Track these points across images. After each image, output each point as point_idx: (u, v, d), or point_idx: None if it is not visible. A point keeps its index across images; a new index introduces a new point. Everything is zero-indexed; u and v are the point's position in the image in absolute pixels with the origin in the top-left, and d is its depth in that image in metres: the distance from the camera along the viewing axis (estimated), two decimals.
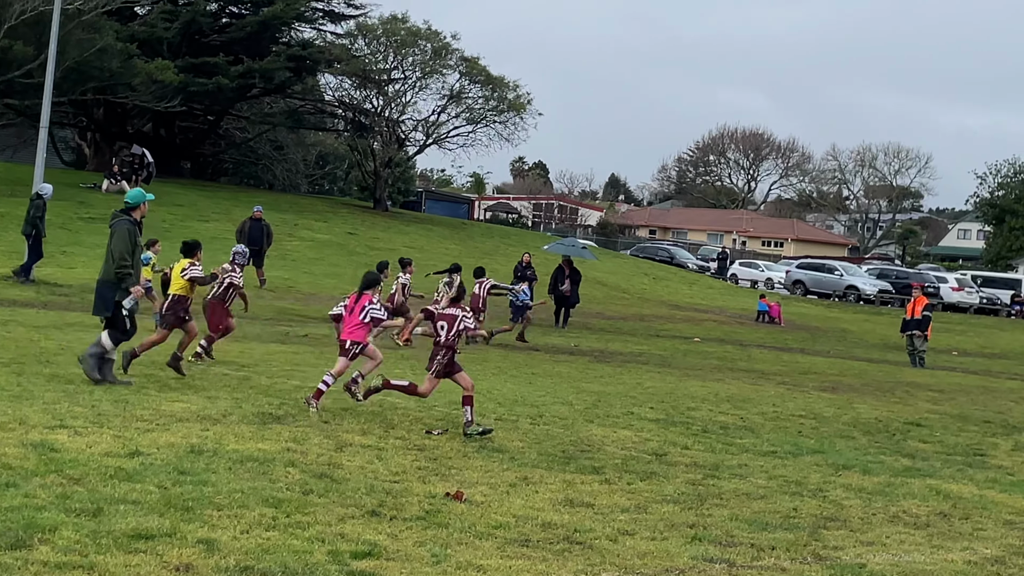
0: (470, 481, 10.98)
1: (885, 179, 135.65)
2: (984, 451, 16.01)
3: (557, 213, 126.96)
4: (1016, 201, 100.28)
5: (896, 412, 20.02)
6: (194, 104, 63.16)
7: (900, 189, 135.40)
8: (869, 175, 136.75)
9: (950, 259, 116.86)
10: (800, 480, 12.55)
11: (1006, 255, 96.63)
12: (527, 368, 22.92)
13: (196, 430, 12.19)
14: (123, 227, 15.23)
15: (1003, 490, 12.93)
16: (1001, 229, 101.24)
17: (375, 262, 45.40)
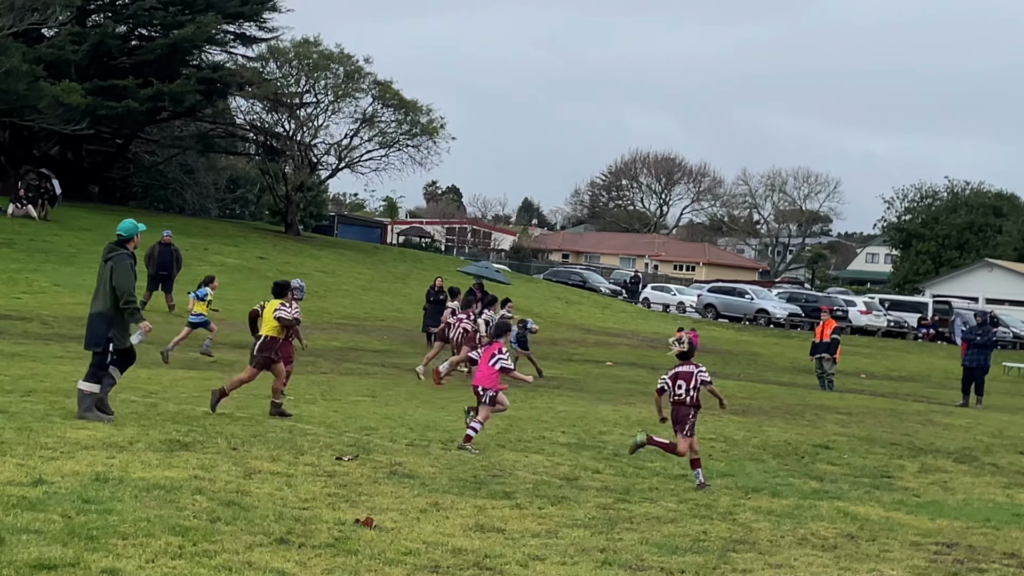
0: (380, 507, 10.91)
1: (795, 203, 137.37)
2: (891, 473, 16.19)
3: (470, 237, 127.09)
4: (923, 225, 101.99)
5: (805, 435, 20.19)
6: (102, 127, 62.51)
7: (810, 213, 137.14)
8: (779, 199, 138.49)
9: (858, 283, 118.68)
10: (710, 503, 12.61)
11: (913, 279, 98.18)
12: (439, 393, 22.87)
13: (102, 458, 12.01)
14: (124, 261, 15.20)
15: (909, 512, 13.07)
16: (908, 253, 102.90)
17: None
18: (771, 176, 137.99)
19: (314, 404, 18.67)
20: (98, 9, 65.25)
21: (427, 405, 20.23)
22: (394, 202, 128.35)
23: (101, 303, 15.16)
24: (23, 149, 64.65)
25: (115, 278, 15.05)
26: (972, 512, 13.37)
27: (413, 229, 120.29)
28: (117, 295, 15.02)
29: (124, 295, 15.01)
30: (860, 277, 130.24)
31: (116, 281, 15.03)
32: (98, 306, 15.21)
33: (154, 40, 64.80)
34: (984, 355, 32.36)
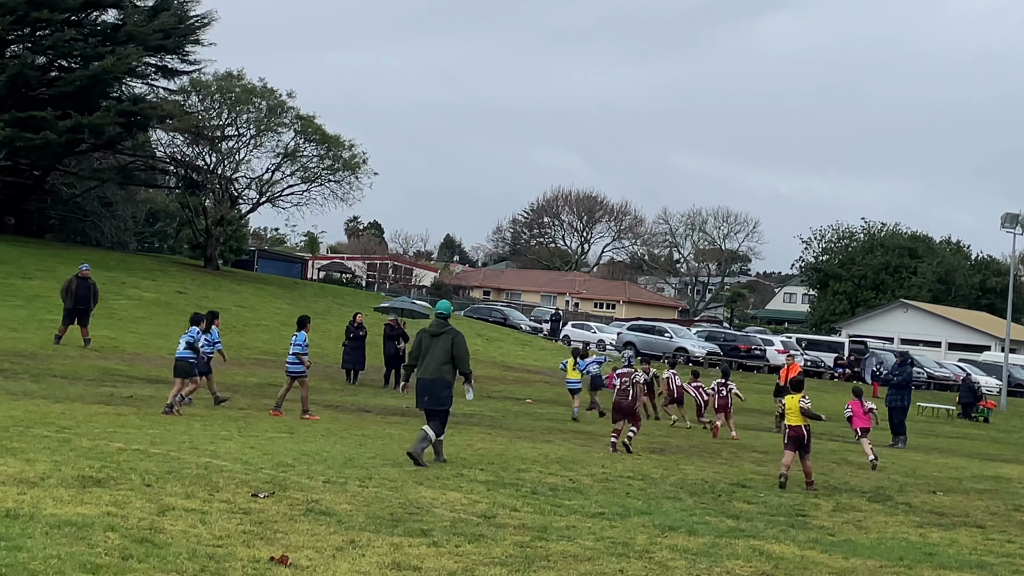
0: (296, 545, 10.84)
1: (715, 243, 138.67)
2: (806, 512, 16.31)
3: (392, 273, 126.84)
4: (840, 266, 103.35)
5: (722, 473, 20.32)
6: (20, 159, 61.88)
7: (729, 253, 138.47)
8: (699, 239, 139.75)
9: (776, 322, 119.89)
10: (627, 541, 12.64)
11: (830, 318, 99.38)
12: (357, 429, 22.78)
13: (12, 493, 11.84)
14: (461, 337, 18.65)
15: (824, 550, 13.18)
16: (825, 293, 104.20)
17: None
18: (691, 215, 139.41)
19: (230, 440, 18.52)
20: (17, 40, 64.60)
21: (344, 442, 20.13)
22: (315, 237, 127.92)
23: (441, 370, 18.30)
24: None
25: (455, 350, 18.36)
26: (886, 551, 13.51)
27: (334, 264, 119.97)
28: (458, 364, 18.41)
29: (465, 364, 18.54)
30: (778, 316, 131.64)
31: (456, 352, 18.36)
32: (438, 373, 18.29)
33: (74, 71, 64.23)
34: (903, 395, 32.77)
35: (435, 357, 18.31)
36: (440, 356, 18.28)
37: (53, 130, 58.90)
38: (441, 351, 18.32)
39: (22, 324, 37.10)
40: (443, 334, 18.49)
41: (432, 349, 18.38)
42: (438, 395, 18.27)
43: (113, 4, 66.50)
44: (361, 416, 26.12)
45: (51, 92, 62.73)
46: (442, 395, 18.30)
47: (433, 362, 18.30)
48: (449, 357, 18.30)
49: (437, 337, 18.45)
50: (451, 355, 18.32)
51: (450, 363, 18.33)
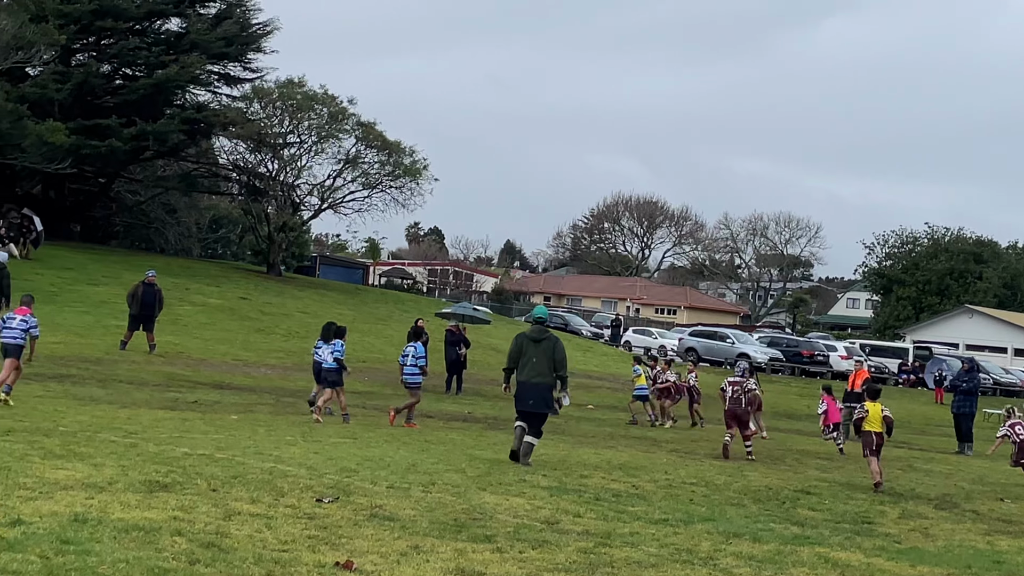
0: (360, 550, 10.86)
1: (776, 248, 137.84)
2: (872, 519, 16.17)
3: (452, 279, 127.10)
4: (903, 271, 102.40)
5: (786, 480, 20.19)
6: (85, 166, 62.49)
7: (791, 258, 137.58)
8: (760, 244, 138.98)
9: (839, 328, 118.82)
10: (691, 548, 12.57)
11: (894, 324, 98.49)
12: (420, 435, 22.81)
13: (80, 498, 11.94)
14: (561, 343, 19.47)
15: (890, 558, 13.05)
16: (889, 299, 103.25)
17: (267, 327, 45.23)
18: (752, 220, 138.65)
19: (295, 446, 18.60)
20: (82, 48, 65.35)
21: (408, 447, 20.16)
22: (376, 243, 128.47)
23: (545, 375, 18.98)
24: (5, 188, 64.52)
25: (556, 352, 19.09)
26: (953, 559, 13.37)
27: (395, 270, 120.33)
28: (558, 369, 19.02)
29: (564, 368, 19.15)
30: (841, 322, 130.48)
31: (557, 355, 19.06)
32: (543, 378, 18.95)
33: (138, 80, 64.83)
34: (970, 401, 32.44)
35: (540, 361, 19.02)
36: (544, 361, 19.00)
37: (118, 138, 59.50)
38: (544, 356, 19.03)
39: (88, 330, 37.47)
40: (545, 339, 19.27)
41: (535, 354, 19.07)
42: (544, 398, 19.15)
43: (176, 13, 67.16)
44: (423, 422, 26.16)
45: (116, 100, 63.38)
46: (547, 398, 19.20)
47: (538, 366, 19.01)
48: (552, 362, 19.01)
49: (539, 343, 19.20)
50: (553, 360, 19.00)
51: (553, 368, 19.05)
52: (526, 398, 19.10)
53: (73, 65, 63.41)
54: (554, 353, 19.11)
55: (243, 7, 68.87)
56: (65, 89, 59.69)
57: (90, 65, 63.51)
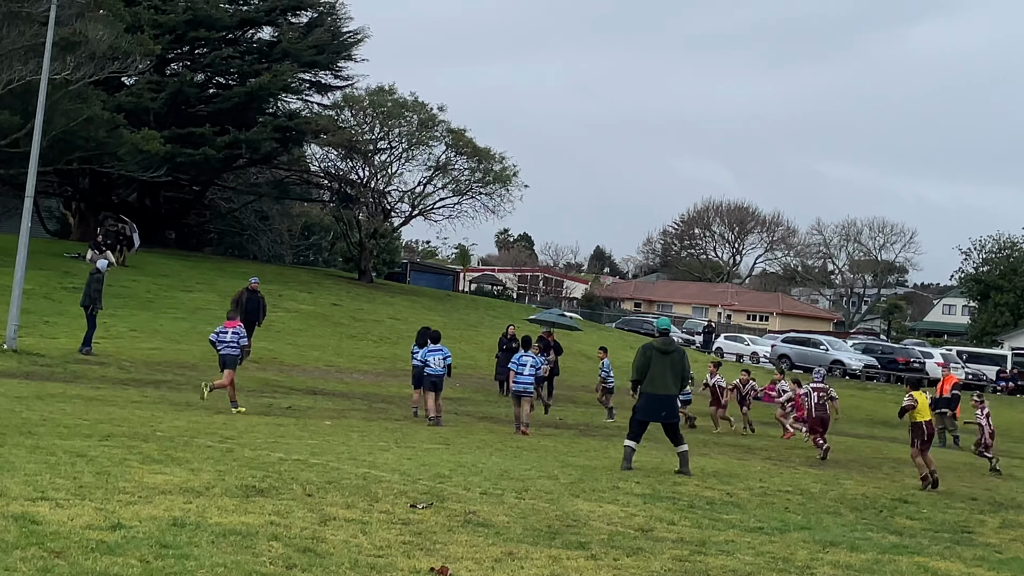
0: (455, 556, 10.85)
1: (870, 254, 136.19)
2: (971, 528, 15.90)
3: (542, 285, 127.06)
4: (1001, 277, 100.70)
5: (883, 488, 19.93)
6: (180, 174, 63.29)
7: (885, 264, 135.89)
8: (854, 249, 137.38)
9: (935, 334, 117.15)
10: (787, 557, 12.43)
11: (991, 331, 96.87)
12: (512, 442, 22.80)
13: (179, 503, 12.06)
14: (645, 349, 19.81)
15: (991, 568, 12.82)
16: (986, 305, 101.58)
17: (359, 333, 45.50)
18: (846, 226, 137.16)
19: (388, 451, 18.67)
20: (177, 58, 66.26)
21: (500, 453, 20.16)
22: (466, 249, 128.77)
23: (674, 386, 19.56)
24: (102, 195, 65.57)
25: (687, 366, 19.84)
26: None
27: (485, 277, 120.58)
28: (684, 380, 19.75)
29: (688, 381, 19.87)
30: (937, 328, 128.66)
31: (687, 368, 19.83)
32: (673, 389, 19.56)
33: (231, 88, 65.61)
34: None
35: (672, 373, 19.52)
36: (674, 372, 19.55)
37: (212, 146, 60.22)
38: (673, 368, 19.55)
39: (184, 336, 37.91)
40: (674, 351, 19.85)
41: (665, 365, 19.51)
42: (675, 409, 19.99)
43: (268, 22, 67.88)
44: (510, 427, 26.15)
45: (209, 109, 64.14)
46: (677, 408, 20.19)
47: (669, 378, 19.49)
48: (680, 374, 19.64)
49: (668, 355, 19.66)
50: (682, 372, 19.66)
51: (680, 380, 19.70)
52: (659, 410, 19.57)
53: (167, 74, 64.31)
54: (683, 365, 19.72)
55: (334, 16, 69.48)
56: (160, 98, 60.54)
57: (184, 74, 64.35)
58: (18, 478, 12.61)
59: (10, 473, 12.90)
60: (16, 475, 12.80)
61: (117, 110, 53.85)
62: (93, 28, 45.84)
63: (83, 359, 30.68)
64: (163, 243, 67.19)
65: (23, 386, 24.60)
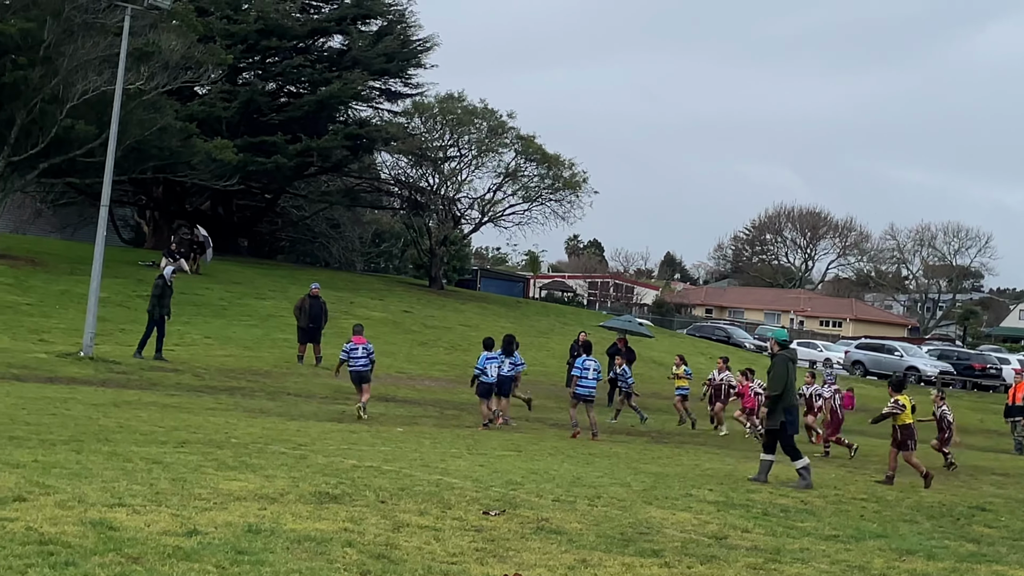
0: (528, 563, 10.83)
1: (945, 259, 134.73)
2: None
3: (612, 291, 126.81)
4: None
5: (960, 496, 19.68)
6: (252, 182, 63.84)
7: (960, 269, 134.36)
8: (928, 254, 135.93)
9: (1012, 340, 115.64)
10: (863, 565, 12.30)
11: None
12: (584, 449, 22.75)
13: (254, 509, 12.13)
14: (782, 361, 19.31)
15: None
16: None
17: (430, 340, 45.62)
18: (920, 231, 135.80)
19: (460, 458, 18.69)
20: (248, 67, 66.81)
21: (572, 460, 20.12)
22: (536, 256, 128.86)
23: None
24: (176, 204, 66.27)
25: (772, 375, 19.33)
26: None
27: (555, 283, 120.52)
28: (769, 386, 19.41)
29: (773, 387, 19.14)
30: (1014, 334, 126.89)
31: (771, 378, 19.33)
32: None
33: (302, 97, 66.08)
34: None
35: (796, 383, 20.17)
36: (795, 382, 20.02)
37: (283, 154, 60.68)
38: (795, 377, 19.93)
39: (256, 343, 38.20)
40: (796, 361, 20.15)
41: (794, 376, 19.81)
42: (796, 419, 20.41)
43: (339, 30, 68.31)
44: (585, 435, 26.09)
45: (281, 117, 64.64)
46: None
47: (794, 388, 20.04)
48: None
49: (794, 364, 19.89)
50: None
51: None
52: (798, 421, 20.22)
53: (239, 84, 64.87)
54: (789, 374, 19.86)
55: (403, 24, 69.77)
56: (232, 107, 61.08)
57: (256, 83, 64.91)
58: (96, 484, 12.75)
59: (88, 480, 13.04)
60: (94, 481, 12.94)
61: (190, 119, 54.39)
62: (166, 38, 46.35)
63: (158, 366, 30.98)
64: (236, 251, 67.76)
65: (100, 393, 24.88)
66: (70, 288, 41.56)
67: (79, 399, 22.99)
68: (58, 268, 46.67)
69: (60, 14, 44.14)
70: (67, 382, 26.54)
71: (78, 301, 37.73)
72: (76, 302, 38.41)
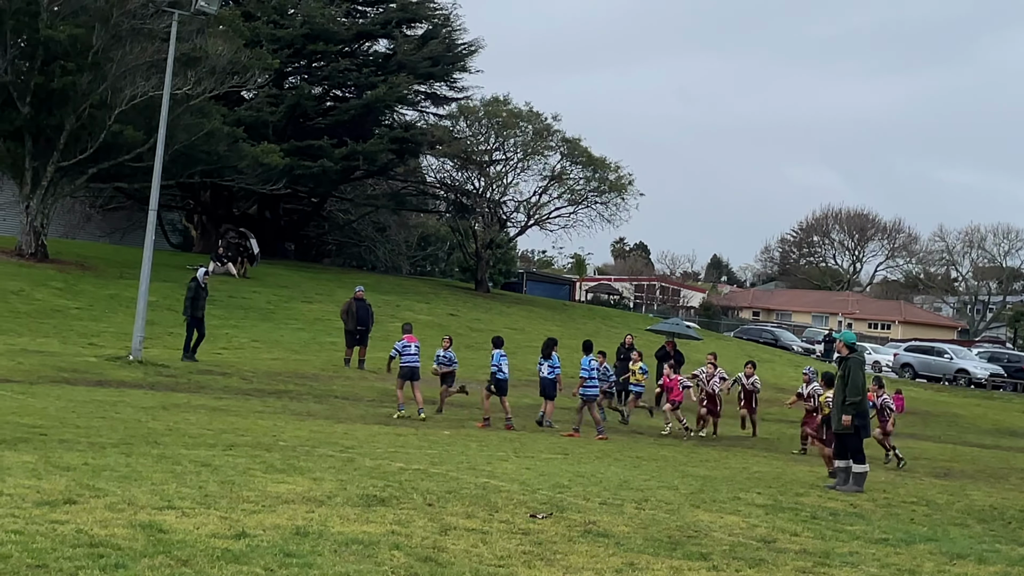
0: (575, 566, 10.81)
1: (995, 260, 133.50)
2: None
3: (659, 294, 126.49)
4: None
5: (1011, 499, 19.50)
6: (299, 186, 64.09)
7: (1010, 270, 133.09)
8: (978, 256, 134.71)
9: None
10: (913, 569, 12.19)
11: None
12: (631, 452, 22.70)
13: (301, 512, 12.16)
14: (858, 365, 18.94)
15: None
16: None
17: (476, 343, 45.62)
18: (969, 232, 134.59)
19: (507, 461, 18.69)
20: (294, 72, 67.12)
21: (619, 463, 20.08)
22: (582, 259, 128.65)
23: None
24: (223, 208, 66.61)
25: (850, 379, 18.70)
26: None
27: (601, 286, 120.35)
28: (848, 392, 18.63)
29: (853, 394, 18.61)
30: None
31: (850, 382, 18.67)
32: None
33: (348, 101, 66.35)
34: None
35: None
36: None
37: (329, 158, 60.90)
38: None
39: (304, 346, 38.34)
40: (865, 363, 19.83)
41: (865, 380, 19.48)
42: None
43: (384, 34, 68.50)
44: (634, 438, 26.07)
45: (327, 121, 64.88)
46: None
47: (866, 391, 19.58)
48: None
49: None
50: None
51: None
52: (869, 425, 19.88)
53: (286, 88, 65.18)
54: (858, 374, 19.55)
55: (448, 27, 69.92)
56: (279, 112, 61.39)
57: (302, 87, 65.14)
58: (145, 487, 12.82)
59: (137, 482, 13.12)
60: (143, 484, 13.02)
61: (237, 124, 54.67)
62: (213, 43, 46.65)
63: (206, 370, 31.13)
64: (283, 255, 68.07)
65: (148, 396, 25.04)
66: (119, 292, 41.85)
67: (128, 402, 23.14)
68: (107, 272, 47.00)
69: (108, 20, 44.47)
70: (116, 385, 26.72)
71: (127, 305, 37.99)
72: (125, 306, 38.68)
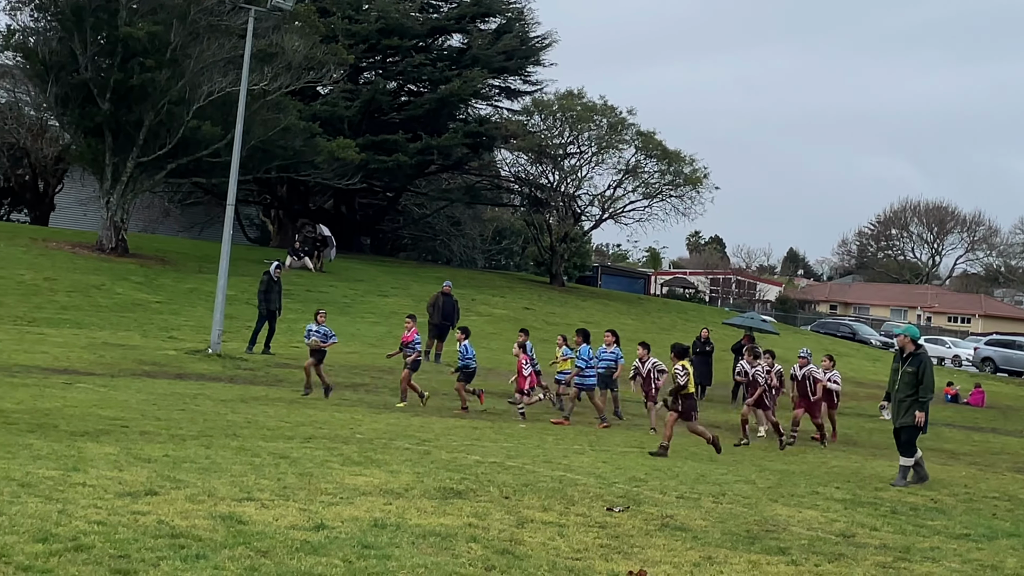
0: (653, 560, 10.77)
1: None
2: None
3: (735, 288, 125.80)
4: None
5: None
6: (374, 181, 64.42)
7: None
8: None
9: None
10: (996, 565, 12.03)
11: None
12: (707, 446, 22.57)
13: (379, 504, 12.21)
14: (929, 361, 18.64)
15: None
16: None
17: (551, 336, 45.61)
18: None
19: (583, 454, 18.66)
20: (369, 67, 67.47)
21: (695, 457, 19.99)
22: (657, 253, 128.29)
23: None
24: (300, 203, 67.09)
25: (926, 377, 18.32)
26: None
27: (676, 280, 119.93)
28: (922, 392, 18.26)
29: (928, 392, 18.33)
30: None
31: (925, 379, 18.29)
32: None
33: (423, 95, 66.56)
34: None
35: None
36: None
37: (404, 152, 61.15)
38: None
39: (380, 340, 38.50)
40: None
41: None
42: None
43: (458, 29, 68.69)
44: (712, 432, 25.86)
45: (401, 116, 65.18)
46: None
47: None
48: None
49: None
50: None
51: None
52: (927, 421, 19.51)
53: (361, 83, 65.54)
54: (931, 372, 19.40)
55: (522, 21, 69.94)
56: (354, 107, 61.72)
57: (377, 83, 65.47)
58: (225, 479, 12.93)
59: (217, 474, 13.24)
60: (223, 476, 13.13)
61: (313, 119, 55.06)
62: (289, 39, 46.99)
63: (284, 363, 31.35)
64: (359, 249, 68.44)
65: (227, 389, 25.26)
66: (198, 286, 42.29)
67: (208, 395, 23.37)
68: (186, 266, 47.50)
69: (186, 17, 44.94)
70: (196, 378, 27.00)
71: (206, 299, 38.38)
72: (204, 300, 39.08)
